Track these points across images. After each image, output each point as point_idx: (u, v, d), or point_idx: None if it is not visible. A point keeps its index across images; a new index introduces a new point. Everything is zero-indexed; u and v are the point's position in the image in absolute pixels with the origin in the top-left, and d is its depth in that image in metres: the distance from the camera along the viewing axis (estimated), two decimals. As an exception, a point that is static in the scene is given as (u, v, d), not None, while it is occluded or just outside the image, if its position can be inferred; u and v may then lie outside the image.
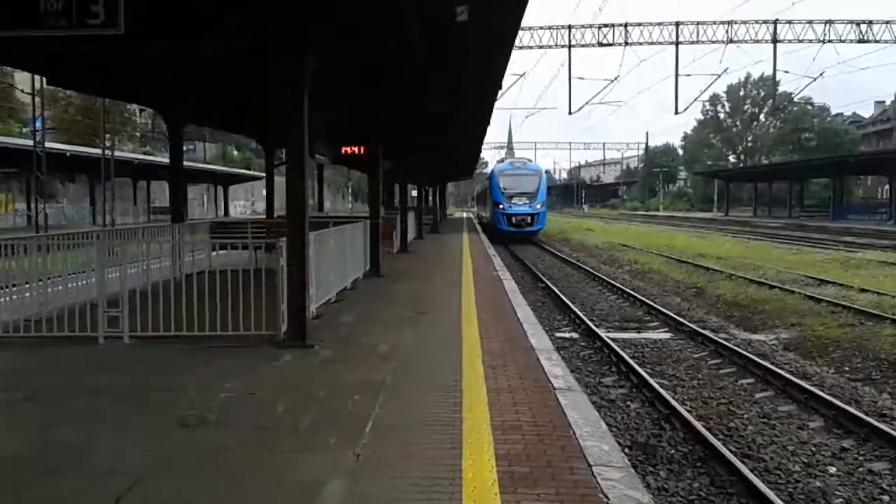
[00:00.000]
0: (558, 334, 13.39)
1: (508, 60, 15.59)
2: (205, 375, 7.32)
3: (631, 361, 10.71)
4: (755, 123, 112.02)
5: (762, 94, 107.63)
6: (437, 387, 6.87)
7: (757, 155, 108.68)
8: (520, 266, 26.60)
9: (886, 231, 41.36)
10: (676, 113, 47.84)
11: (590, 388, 9.44)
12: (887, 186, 76.57)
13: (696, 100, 48.08)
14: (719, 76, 44.03)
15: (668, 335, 13.56)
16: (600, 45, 41.26)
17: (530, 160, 50.45)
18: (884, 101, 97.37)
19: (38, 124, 35.53)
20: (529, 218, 40.43)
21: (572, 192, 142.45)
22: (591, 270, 24.65)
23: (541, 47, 41.33)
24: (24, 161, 36.29)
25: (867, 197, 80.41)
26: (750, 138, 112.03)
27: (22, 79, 42.63)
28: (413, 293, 13.84)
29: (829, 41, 41.27)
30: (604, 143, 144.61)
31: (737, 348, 11.83)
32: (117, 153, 48.01)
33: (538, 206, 40.95)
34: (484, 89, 18.02)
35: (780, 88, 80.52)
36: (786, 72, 74.85)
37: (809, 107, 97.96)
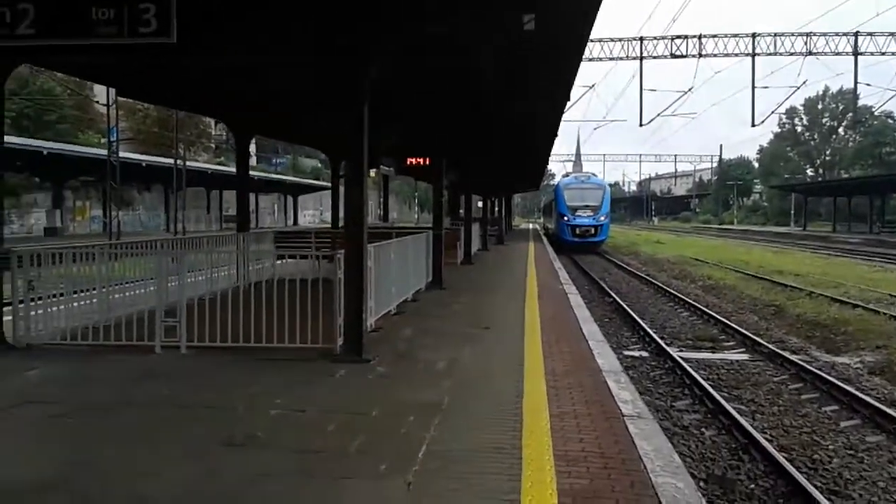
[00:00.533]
0: (627, 352, 12.83)
1: (577, 71, 15.12)
2: (257, 390, 7.09)
3: (705, 384, 10.10)
4: (834, 137, 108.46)
5: (841, 107, 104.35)
6: (496, 409, 6.47)
7: (836, 169, 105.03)
8: (586, 279, 25.99)
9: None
10: (753, 125, 46.18)
11: (661, 413, 8.90)
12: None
13: (773, 112, 46.55)
14: (798, 88, 42.43)
15: (745, 356, 12.85)
16: (673, 56, 40.23)
17: (595, 174, 52.05)
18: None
19: (113, 135, 36.49)
20: (593, 229, 42.13)
21: (642, 204, 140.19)
22: (662, 285, 23.89)
23: (611, 59, 40.57)
24: (100, 170, 37.42)
25: (952, 213, 76.63)
26: (828, 152, 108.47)
27: (101, 91, 43.97)
28: (475, 306, 13.47)
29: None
30: (675, 156, 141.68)
31: (819, 371, 11.10)
32: (191, 163, 49.18)
33: (602, 219, 42.60)
34: (552, 100, 17.54)
35: (861, 101, 77.53)
36: (867, 84, 71.67)
37: (890, 120, 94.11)
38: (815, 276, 24.72)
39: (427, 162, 18.44)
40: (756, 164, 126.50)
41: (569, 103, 18.38)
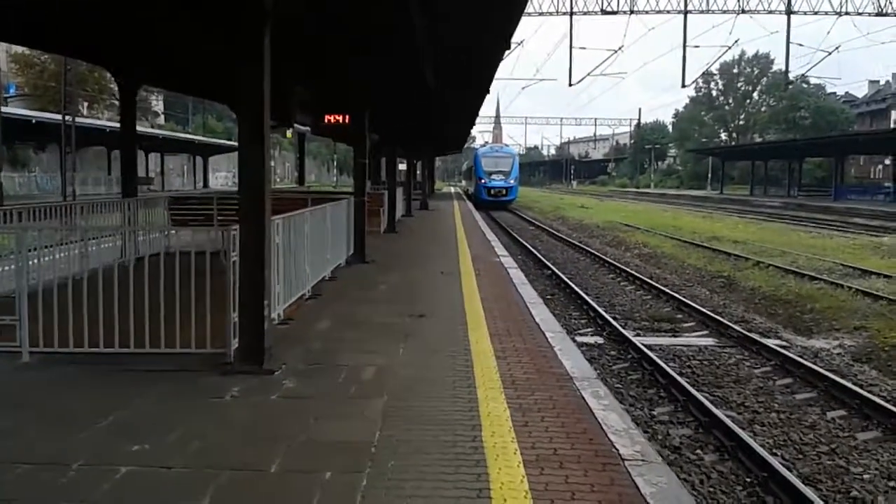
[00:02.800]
0: (580, 338, 11.08)
1: (519, 17, 13.37)
2: (110, 424, 5.04)
3: (685, 383, 8.42)
4: (748, 101, 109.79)
5: (756, 71, 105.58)
6: (448, 452, 4.62)
7: (749, 133, 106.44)
8: (519, 248, 24.32)
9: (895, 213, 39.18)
10: (683, 86, 46.02)
11: (641, 426, 7.15)
12: (880, 166, 75.08)
13: (704, 72, 46.07)
14: (729, 48, 42.19)
15: (711, 340, 11.29)
16: (604, 12, 38.78)
17: (507, 144, 63.54)
18: (878, 81, 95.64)
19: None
20: (504, 190, 50.91)
21: (561, 167, 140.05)
22: (597, 253, 22.42)
23: (540, 14, 38.77)
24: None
25: (860, 177, 78.63)
26: (742, 116, 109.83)
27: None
28: (405, 286, 11.58)
29: (847, 13, 38.95)
30: (595, 119, 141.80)
31: (802, 360, 9.60)
32: (91, 121, 45.17)
33: (511, 182, 51.48)
34: (488, 49, 15.62)
35: (778, 66, 77.80)
36: (800, 45, 71.74)
37: (805, 85, 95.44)
38: (755, 242, 23.69)
39: (347, 120, 16.30)
40: (671, 129, 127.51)
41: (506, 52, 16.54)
